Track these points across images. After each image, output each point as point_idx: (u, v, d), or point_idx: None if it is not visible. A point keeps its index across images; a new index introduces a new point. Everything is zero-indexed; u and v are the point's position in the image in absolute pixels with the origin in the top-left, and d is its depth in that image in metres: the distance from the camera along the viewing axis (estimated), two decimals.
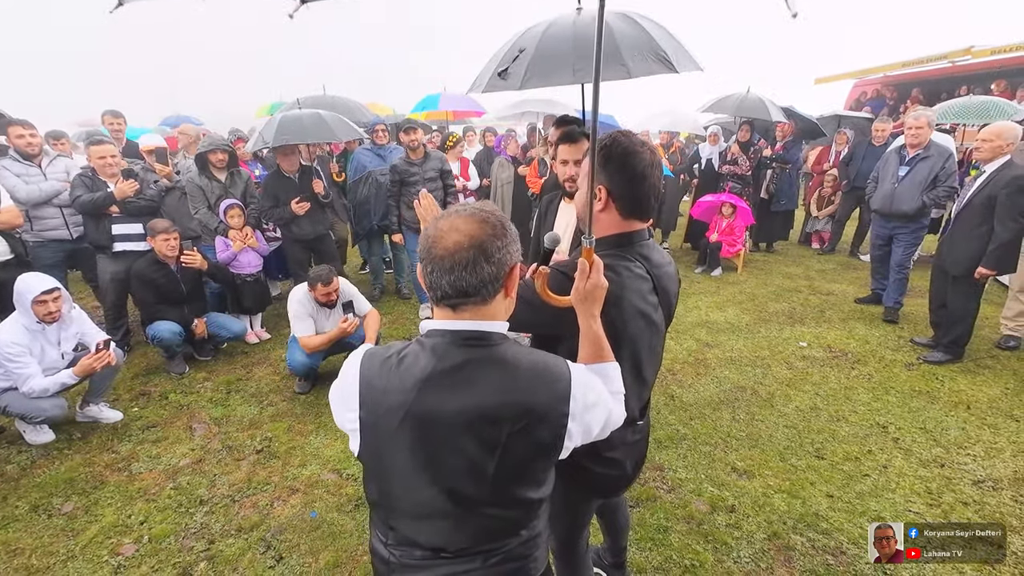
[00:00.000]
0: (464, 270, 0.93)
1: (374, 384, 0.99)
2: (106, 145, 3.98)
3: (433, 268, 0.95)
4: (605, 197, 1.30)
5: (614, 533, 2.02)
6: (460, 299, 0.96)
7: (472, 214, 0.97)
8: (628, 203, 1.31)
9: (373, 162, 5.12)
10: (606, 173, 1.29)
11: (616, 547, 2.04)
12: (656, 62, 2.45)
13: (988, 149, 3.58)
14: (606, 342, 1.16)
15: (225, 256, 4.28)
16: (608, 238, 1.33)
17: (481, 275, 0.94)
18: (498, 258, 0.95)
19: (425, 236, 0.98)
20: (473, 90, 2.90)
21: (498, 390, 0.95)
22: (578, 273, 1.15)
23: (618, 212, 1.32)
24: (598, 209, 1.30)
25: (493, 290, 0.97)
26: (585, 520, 1.65)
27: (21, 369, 2.87)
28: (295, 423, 3.29)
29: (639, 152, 1.28)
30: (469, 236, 0.94)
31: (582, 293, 1.14)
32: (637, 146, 1.29)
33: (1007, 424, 3.15)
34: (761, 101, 6.41)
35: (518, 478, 0.99)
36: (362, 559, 2.26)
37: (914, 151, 4.48)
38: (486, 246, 0.94)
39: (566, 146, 2.17)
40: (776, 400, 3.46)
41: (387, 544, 1.06)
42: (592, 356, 1.15)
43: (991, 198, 3.55)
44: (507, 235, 0.98)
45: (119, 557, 2.29)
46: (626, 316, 1.27)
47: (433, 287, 0.97)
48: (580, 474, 1.37)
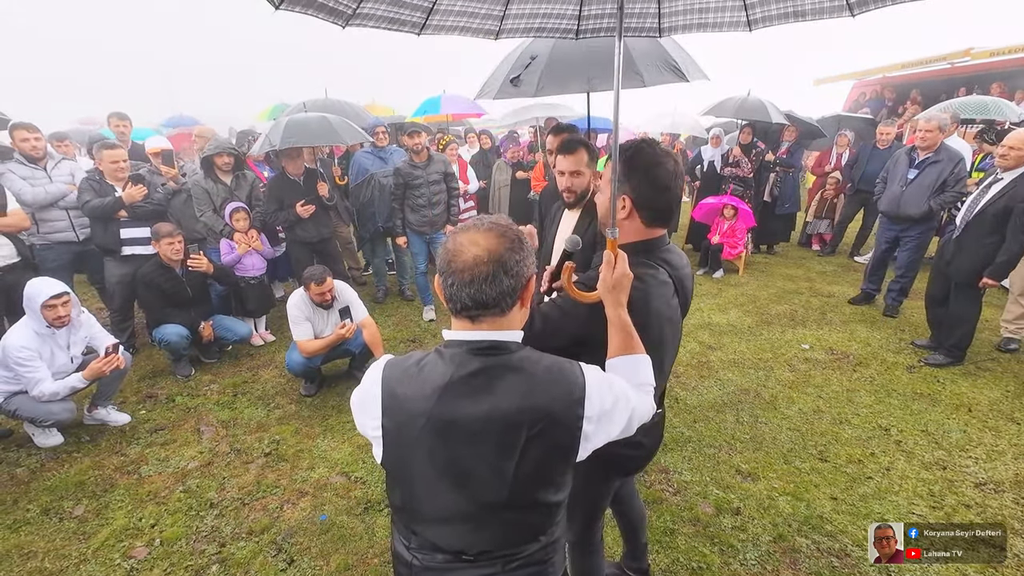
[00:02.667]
0: (484, 283, 0.96)
1: (396, 392, 1.02)
2: (118, 150, 4.02)
3: (453, 281, 0.97)
4: (629, 206, 1.34)
5: (632, 529, 2.03)
6: (479, 311, 0.99)
7: (490, 228, 1.00)
8: (651, 212, 1.35)
9: (374, 164, 5.14)
10: (630, 184, 1.33)
11: (637, 547, 2.05)
12: (668, 71, 2.50)
13: (1014, 157, 3.47)
14: (635, 331, 1.20)
15: (229, 259, 4.29)
16: (631, 245, 1.36)
17: (500, 287, 0.97)
18: (516, 271, 0.98)
19: (445, 250, 1.00)
20: (483, 96, 2.92)
21: (515, 395, 0.97)
22: (604, 264, 1.21)
23: (641, 220, 1.36)
24: (621, 217, 1.34)
25: (511, 302, 1.00)
26: (604, 505, 1.71)
27: (31, 373, 2.89)
28: (302, 425, 3.31)
29: (663, 163, 1.33)
30: (488, 250, 0.97)
31: (609, 283, 1.20)
32: (661, 156, 1.34)
33: (1008, 427, 3.19)
34: (762, 103, 6.45)
35: (537, 481, 1.02)
36: (372, 562, 2.29)
37: (924, 154, 4.48)
38: (505, 259, 0.97)
39: (563, 157, 2.18)
40: (779, 402, 3.49)
41: (409, 548, 1.09)
42: (622, 346, 1.18)
43: (1007, 209, 3.46)
44: (523, 249, 1.01)
45: (131, 560, 2.32)
46: (653, 322, 1.31)
47: (453, 299, 0.99)
48: (601, 456, 1.40)
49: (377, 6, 1.70)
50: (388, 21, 1.78)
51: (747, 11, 1.77)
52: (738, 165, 6.48)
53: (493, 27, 1.97)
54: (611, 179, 1.32)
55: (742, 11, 1.77)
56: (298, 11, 1.56)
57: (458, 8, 1.84)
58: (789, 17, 1.72)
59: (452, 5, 1.82)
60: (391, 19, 1.77)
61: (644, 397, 1.14)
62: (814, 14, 1.66)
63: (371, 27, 1.75)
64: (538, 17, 1.99)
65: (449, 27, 1.89)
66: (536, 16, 1.98)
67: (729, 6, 1.78)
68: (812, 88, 13.98)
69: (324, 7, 1.60)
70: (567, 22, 2.05)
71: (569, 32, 2.08)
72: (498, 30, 1.97)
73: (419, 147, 4.51)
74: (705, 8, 1.84)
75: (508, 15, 1.94)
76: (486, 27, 1.96)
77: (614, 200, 1.31)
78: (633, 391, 1.11)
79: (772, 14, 1.75)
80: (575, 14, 2.01)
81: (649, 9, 1.92)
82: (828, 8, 1.62)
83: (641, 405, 1.11)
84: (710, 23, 1.86)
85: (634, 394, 1.10)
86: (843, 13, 1.60)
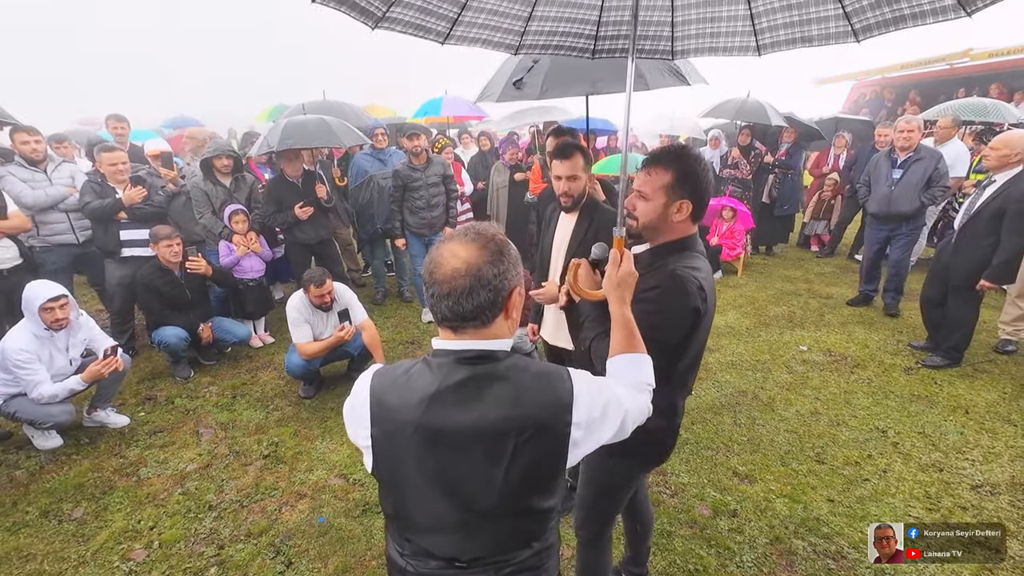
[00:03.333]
0: (461, 296, 0.96)
1: (384, 402, 1.02)
2: (118, 152, 4.02)
3: (433, 293, 0.98)
4: (688, 210, 1.44)
5: (640, 534, 2.04)
6: (459, 322, 0.99)
7: (472, 239, 0.99)
8: (700, 212, 1.47)
9: (373, 166, 5.15)
10: (687, 188, 1.43)
11: (641, 552, 2.07)
12: (671, 75, 2.55)
13: (995, 158, 3.55)
14: (637, 330, 1.22)
15: (228, 261, 4.30)
16: (677, 241, 1.49)
17: (477, 301, 0.96)
18: (495, 284, 0.97)
19: (428, 260, 1.01)
20: (485, 99, 2.94)
21: (503, 404, 0.98)
22: (610, 263, 1.27)
23: (691, 220, 1.47)
24: (678, 220, 1.45)
25: (492, 315, 1.00)
26: (625, 502, 1.78)
27: (30, 376, 2.89)
28: (301, 428, 3.32)
29: (707, 166, 1.46)
30: (466, 263, 0.96)
31: (615, 280, 1.25)
32: (703, 160, 1.46)
33: (1005, 429, 3.19)
34: (761, 105, 6.46)
35: (527, 488, 1.03)
36: (370, 564, 2.29)
37: (905, 154, 4.62)
38: (482, 273, 0.96)
39: (559, 162, 2.20)
40: (777, 404, 3.50)
41: (403, 555, 1.10)
42: (624, 344, 1.19)
43: (1001, 211, 3.49)
44: (505, 260, 1.00)
45: (130, 563, 2.32)
46: (709, 303, 1.44)
47: (434, 310, 1.00)
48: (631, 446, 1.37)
49: (405, 12, 1.79)
50: (415, 27, 1.86)
51: (757, 36, 1.85)
52: (737, 167, 6.49)
53: (514, 42, 2.05)
54: (622, 182, 1.47)
55: (752, 36, 1.85)
56: (332, 7, 1.64)
57: (481, 21, 1.93)
58: (797, 43, 1.80)
59: (476, 18, 1.91)
60: (418, 25, 1.86)
61: (641, 397, 1.14)
62: (821, 40, 1.74)
63: (398, 31, 1.84)
64: (557, 35, 2.08)
65: (472, 39, 1.98)
66: (555, 34, 2.08)
67: (739, 31, 1.87)
68: (812, 89, 14.02)
69: (356, 6, 1.68)
70: (584, 41, 2.14)
71: (586, 51, 2.17)
72: (518, 45, 2.06)
73: (418, 149, 4.52)
74: (716, 33, 1.92)
75: (528, 31, 2.03)
76: (507, 41, 2.05)
77: (621, 201, 1.44)
78: (628, 392, 1.11)
79: (780, 39, 1.83)
80: (592, 34, 2.09)
81: (663, 32, 2.01)
82: (834, 34, 1.70)
83: (636, 407, 1.10)
84: (721, 47, 1.95)
85: (628, 396, 1.10)
86: (848, 39, 1.68)
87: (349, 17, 1.70)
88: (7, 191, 3.71)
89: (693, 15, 1.93)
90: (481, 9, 1.90)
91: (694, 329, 1.41)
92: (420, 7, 1.79)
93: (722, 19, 1.88)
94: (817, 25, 1.72)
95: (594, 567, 1.83)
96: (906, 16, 1.56)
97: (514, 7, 1.93)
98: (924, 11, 1.53)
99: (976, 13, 1.47)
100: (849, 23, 1.66)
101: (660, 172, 1.43)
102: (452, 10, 1.85)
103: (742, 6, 1.80)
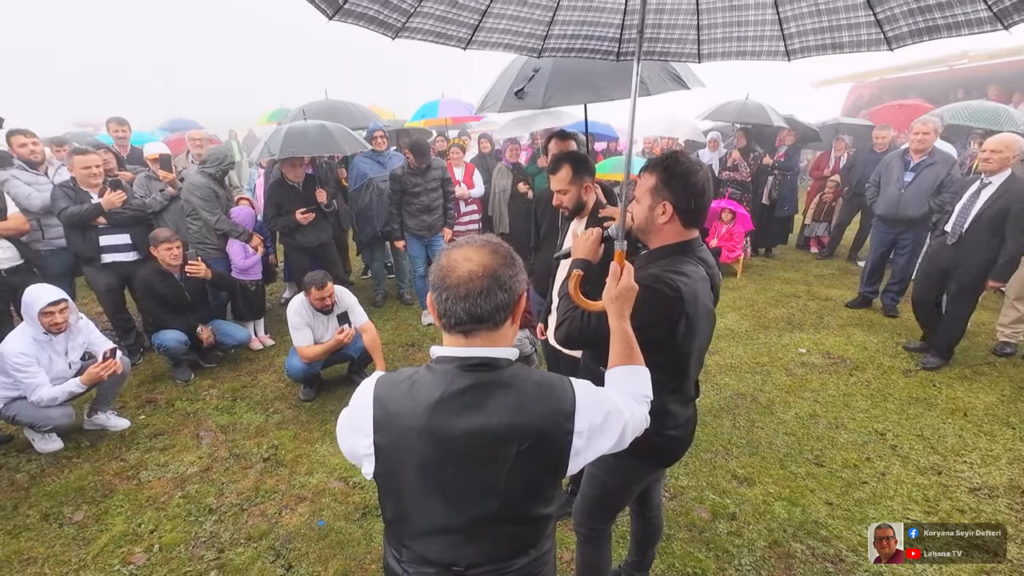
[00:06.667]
0: (479, 297, 0.97)
1: (388, 408, 1.03)
2: (91, 155, 3.85)
3: (448, 296, 0.99)
4: (670, 211, 1.45)
5: (648, 540, 2.04)
6: (474, 325, 1.00)
7: (483, 244, 1.02)
8: (689, 215, 1.46)
9: (373, 169, 5.14)
10: (670, 189, 1.44)
11: (646, 557, 2.07)
12: (670, 80, 2.56)
13: (997, 160, 3.54)
14: (636, 343, 1.23)
15: (249, 262, 4.36)
16: (672, 246, 1.50)
17: (495, 302, 0.98)
18: (510, 286, 1.00)
19: (437, 266, 1.02)
20: (486, 109, 2.93)
21: (505, 412, 0.99)
22: (610, 276, 1.28)
23: (680, 223, 1.47)
24: (663, 222, 1.46)
25: (504, 316, 1.02)
26: (629, 500, 1.80)
27: (29, 379, 2.90)
28: (301, 431, 3.32)
29: (697, 170, 1.44)
30: (483, 265, 0.98)
31: (614, 294, 1.26)
32: (695, 165, 1.46)
33: (1003, 431, 3.20)
34: (761, 107, 6.47)
35: (526, 495, 1.04)
36: (370, 568, 2.30)
37: (919, 156, 4.54)
38: (499, 274, 0.99)
39: (551, 176, 2.27)
40: (776, 407, 3.51)
41: (400, 561, 1.11)
42: (622, 356, 1.21)
43: (1004, 211, 3.52)
44: (515, 265, 1.03)
45: (131, 566, 2.33)
46: (699, 314, 1.43)
47: (447, 314, 1.00)
48: (642, 446, 1.38)
49: (425, 22, 1.79)
50: (435, 35, 1.86)
51: (785, 41, 1.81)
52: (736, 169, 6.50)
53: (536, 45, 2.05)
54: (625, 190, 1.46)
55: (780, 41, 1.82)
56: (350, 22, 1.64)
57: (503, 27, 1.93)
58: (827, 49, 1.75)
59: (497, 23, 1.91)
60: (438, 33, 1.86)
61: (639, 408, 1.15)
62: (852, 47, 1.70)
63: (419, 39, 1.84)
64: (580, 38, 2.07)
65: (494, 43, 1.98)
66: (578, 37, 2.07)
67: (768, 35, 1.83)
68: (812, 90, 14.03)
69: (375, 20, 1.68)
70: (608, 44, 2.12)
71: (610, 54, 2.15)
72: (541, 48, 2.05)
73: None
74: (744, 37, 1.89)
75: (551, 35, 2.02)
76: (529, 45, 2.05)
77: (622, 215, 1.43)
78: (627, 403, 1.12)
79: (810, 45, 1.79)
80: (616, 36, 2.08)
81: (688, 36, 1.97)
82: (866, 41, 1.66)
83: (635, 417, 1.12)
84: (748, 51, 1.91)
85: (627, 407, 1.11)
86: (881, 47, 1.64)
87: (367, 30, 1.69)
88: (13, 195, 3.72)
89: (719, 19, 1.90)
90: (502, 15, 1.89)
91: (673, 333, 1.40)
92: (440, 16, 1.79)
93: (749, 23, 1.85)
94: (848, 32, 1.70)
95: (593, 564, 1.84)
96: (940, 27, 1.53)
97: (535, 12, 1.93)
98: (959, 22, 1.49)
99: (1013, 27, 1.41)
100: (881, 31, 1.62)
101: (647, 175, 1.49)
102: (472, 18, 1.85)
103: (769, 12, 1.77)
